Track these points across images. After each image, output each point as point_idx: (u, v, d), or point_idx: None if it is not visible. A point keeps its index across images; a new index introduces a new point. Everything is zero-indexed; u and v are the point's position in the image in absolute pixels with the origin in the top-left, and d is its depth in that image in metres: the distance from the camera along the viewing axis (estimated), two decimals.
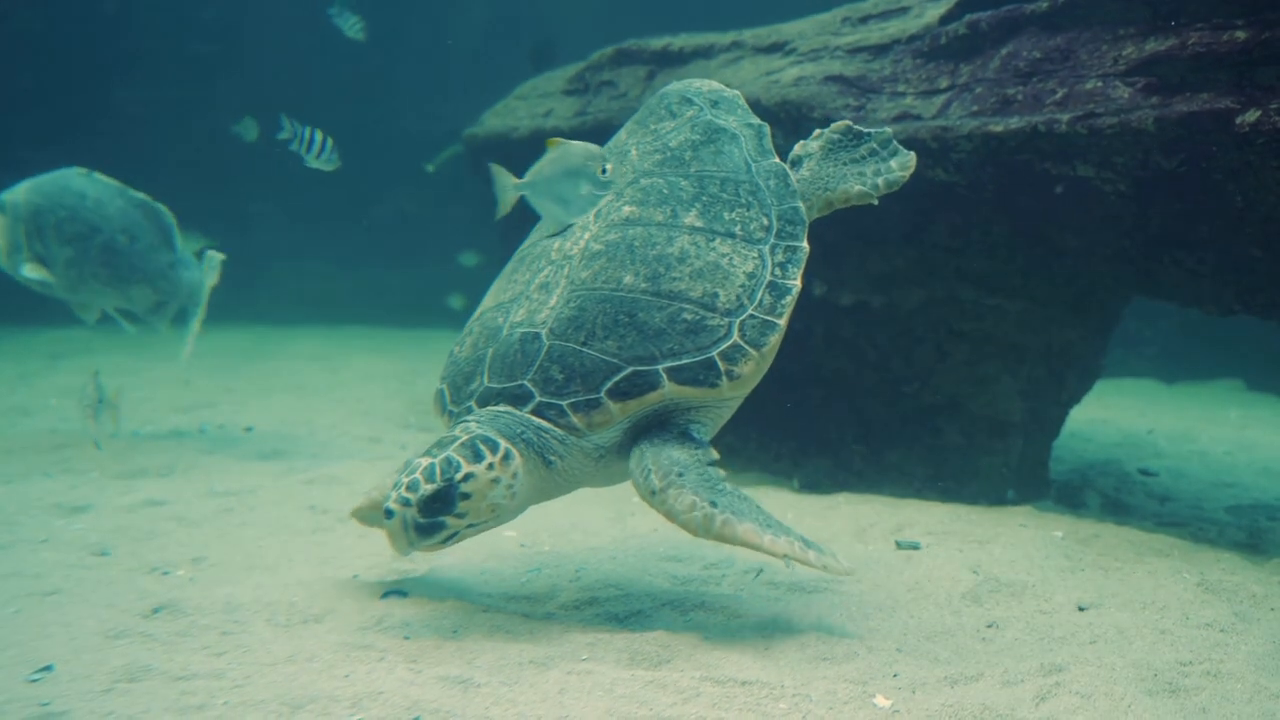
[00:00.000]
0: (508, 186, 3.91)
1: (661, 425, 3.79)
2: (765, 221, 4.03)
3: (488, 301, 4.24)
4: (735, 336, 3.76)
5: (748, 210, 4.05)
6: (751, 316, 3.80)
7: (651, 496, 3.62)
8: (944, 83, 5.75)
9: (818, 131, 4.47)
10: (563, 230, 4.15)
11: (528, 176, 3.89)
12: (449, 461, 3.53)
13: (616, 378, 3.68)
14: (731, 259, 3.90)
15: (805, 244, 4.04)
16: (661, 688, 3.14)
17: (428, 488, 3.48)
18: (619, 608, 4.10)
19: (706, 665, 3.37)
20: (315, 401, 9.48)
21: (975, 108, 5.45)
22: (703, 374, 3.70)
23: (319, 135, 6.75)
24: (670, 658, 3.45)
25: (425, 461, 3.55)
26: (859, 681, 3.30)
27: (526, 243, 4.39)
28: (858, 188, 4.32)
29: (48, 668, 3.30)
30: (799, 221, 4.08)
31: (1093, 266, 5.81)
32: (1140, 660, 3.49)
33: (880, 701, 3.15)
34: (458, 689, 3.13)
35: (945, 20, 5.95)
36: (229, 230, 17.32)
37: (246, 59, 18.41)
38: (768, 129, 4.37)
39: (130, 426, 7.94)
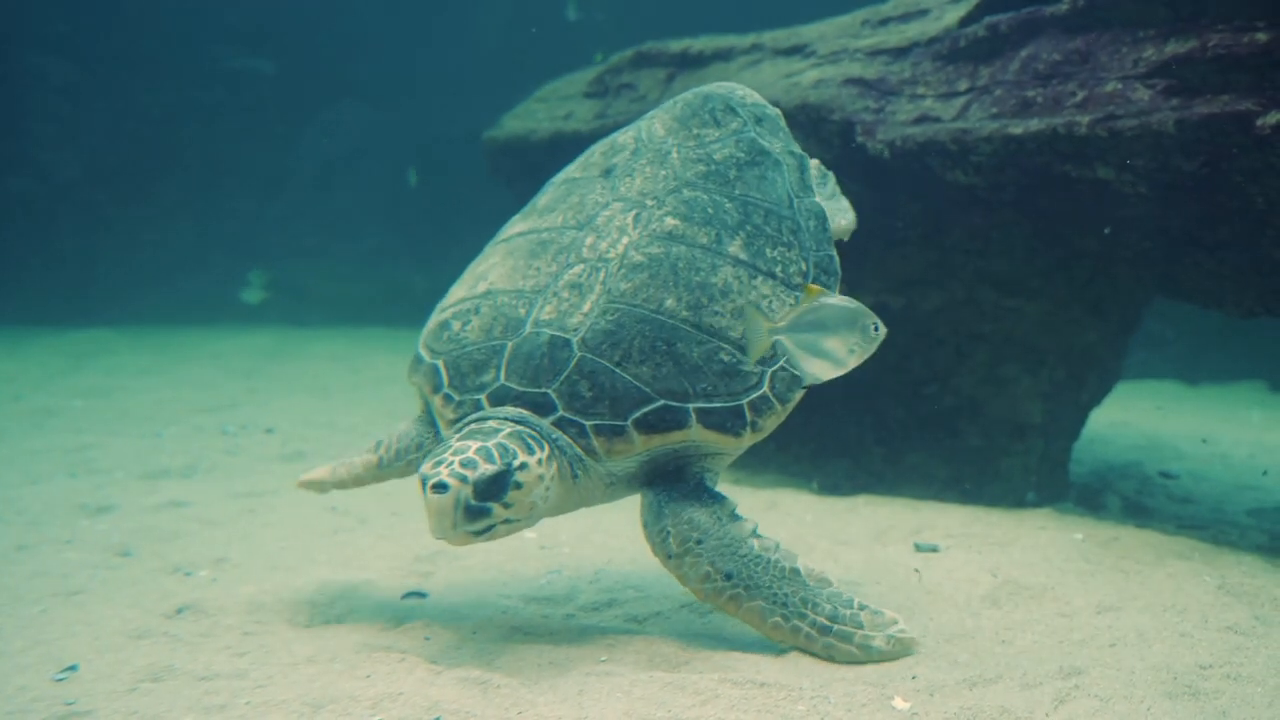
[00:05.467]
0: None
1: (677, 472, 3.69)
2: (803, 267, 3.89)
3: (496, 280, 3.92)
4: (765, 387, 3.64)
5: (788, 250, 3.90)
6: (783, 369, 3.67)
7: (668, 560, 3.57)
8: (963, 85, 5.74)
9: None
10: (584, 225, 3.92)
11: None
12: (504, 447, 3.32)
13: (646, 409, 3.52)
14: (771, 303, 3.75)
15: None
16: (680, 689, 3.15)
17: (487, 468, 3.25)
18: (638, 609, 4.12)
19: (725, 667, 3.38)
20: (336, 402, 9.53)
21: (995, 110, 5.43)
22: (730, 421, 3.57)
23: None
24: (689, 659, 3.45)
25: (473, 444, 3.31)
26: (877, 684, 3.30)
27: (524, 226, 4.10)
28: (843, 222, 4.29)
29: (72, 667, 3.34)
30: (833, 273, 3.96)
31: (1113, 268, 5.79)
32: (1160, 663, 3.48)
33: (899, 704, 3.15)
34: (477, 690, 3.14)
35: (965, 23, 5.94)
36: (250, 231, 17.50)
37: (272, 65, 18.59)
38: (809, 162, 4.22)
39: (153, 427, 8.01)
